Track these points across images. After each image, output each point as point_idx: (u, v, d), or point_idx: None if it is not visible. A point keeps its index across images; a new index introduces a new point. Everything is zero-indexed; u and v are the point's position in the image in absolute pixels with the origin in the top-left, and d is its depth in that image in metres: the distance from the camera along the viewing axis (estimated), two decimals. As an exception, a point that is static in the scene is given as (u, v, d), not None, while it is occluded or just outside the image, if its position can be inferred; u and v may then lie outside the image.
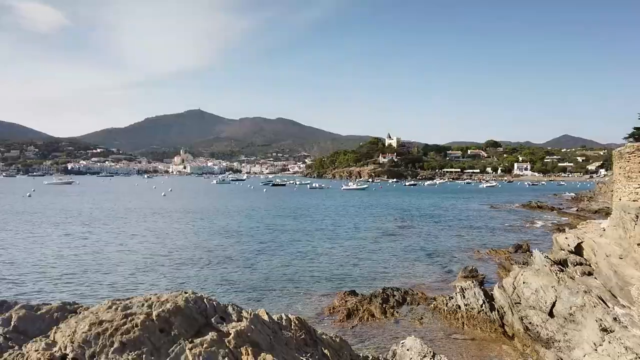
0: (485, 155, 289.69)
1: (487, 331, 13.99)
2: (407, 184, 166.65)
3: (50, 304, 5.48)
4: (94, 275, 20.77)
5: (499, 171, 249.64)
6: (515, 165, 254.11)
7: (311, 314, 15.80)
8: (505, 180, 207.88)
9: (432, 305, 16.51)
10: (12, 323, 5.01)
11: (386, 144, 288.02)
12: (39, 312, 5.26)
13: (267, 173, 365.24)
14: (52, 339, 4.82)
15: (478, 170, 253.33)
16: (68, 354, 4.50)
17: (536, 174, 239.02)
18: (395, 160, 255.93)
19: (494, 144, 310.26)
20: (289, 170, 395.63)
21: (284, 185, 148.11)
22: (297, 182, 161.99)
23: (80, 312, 5.36)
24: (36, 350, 4.53)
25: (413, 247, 29.65)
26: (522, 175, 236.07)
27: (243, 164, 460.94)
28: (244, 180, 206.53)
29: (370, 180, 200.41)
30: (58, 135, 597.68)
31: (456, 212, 56.46)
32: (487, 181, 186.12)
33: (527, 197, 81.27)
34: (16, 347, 4.67)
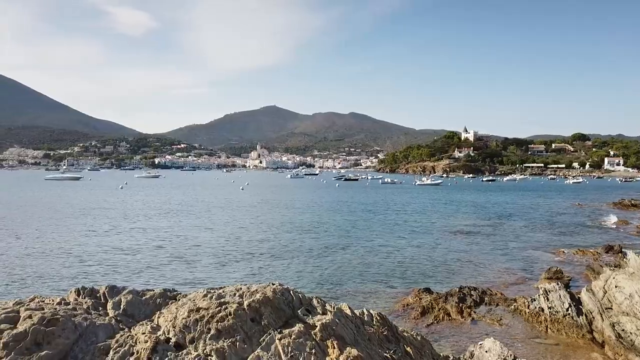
0: (572, 149, 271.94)
1: (573, 337, 13.29)
2: (484, 179, 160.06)
3: (153, 290, 6.02)
4: (178, 264, 22.13)
5: (587, 166, 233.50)
6: (606, 160, 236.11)
7: (384, 310, 15.79)
8: (594, 176, 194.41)
9: (513, 306, 15.90)
10: (122, 307, 5.58)
11: (462, 138, 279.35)
12: (143, 298, 5.81)
13: (340, 168, 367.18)
14: (156, 323, 5.30)
15: (563, 166, 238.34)
16: (171, 338, 4.94)
17: (630, 169, 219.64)
18: (472, 154, 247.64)
19: (582, 137, 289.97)
20: (361, 165, 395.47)
21: (356, 180, 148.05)
22: (370, 177, 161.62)
23: (179, 299, 5.85)
24: (143, 333, 5.00)
25: (491, 245, 28.64)
26: (613, 171, 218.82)
27: (316, 159, 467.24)
28: (316, 174, 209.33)
29: (444, 175, 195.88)
30: (146, 131, 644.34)
31: (538, 209, 53.67)
32: (573, 177, 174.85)
33: (619, 195, 75.42)
34: (125, 329, 5.20)
